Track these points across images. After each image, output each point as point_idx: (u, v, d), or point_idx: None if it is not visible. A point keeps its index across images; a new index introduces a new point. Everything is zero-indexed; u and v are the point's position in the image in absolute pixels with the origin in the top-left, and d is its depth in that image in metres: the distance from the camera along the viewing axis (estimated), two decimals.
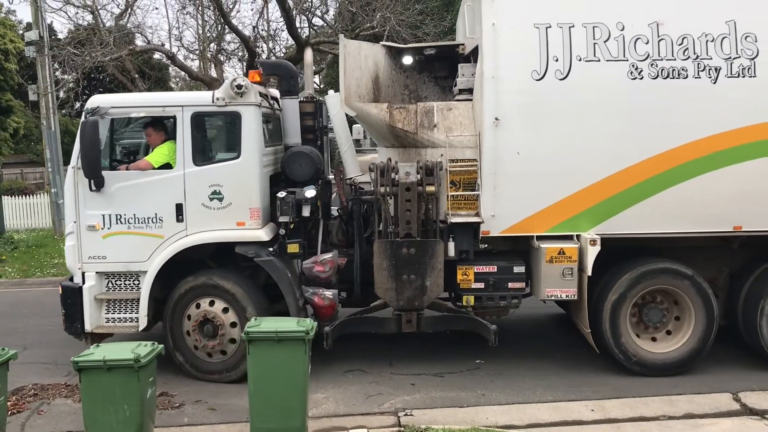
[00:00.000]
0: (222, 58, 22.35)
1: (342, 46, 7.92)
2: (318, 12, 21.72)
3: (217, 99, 7.47)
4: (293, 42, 19.51)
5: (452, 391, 7.35)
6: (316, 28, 21.60)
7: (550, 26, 7.26)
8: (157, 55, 23.34)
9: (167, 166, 7.64)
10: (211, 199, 7.49)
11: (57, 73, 20.73)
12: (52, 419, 6.84)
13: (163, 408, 6.94)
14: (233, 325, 7.57)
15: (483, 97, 7.38)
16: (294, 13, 19.20)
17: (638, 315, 7.74)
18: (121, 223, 7.55)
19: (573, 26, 7.25)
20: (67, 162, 8.33)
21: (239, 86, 7.39)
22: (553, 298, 7.54)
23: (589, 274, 7.35)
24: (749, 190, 7.37)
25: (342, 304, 8.49)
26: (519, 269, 7.70)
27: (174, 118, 7.55)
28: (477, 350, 8.47)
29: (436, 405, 7.01)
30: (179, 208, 7.51)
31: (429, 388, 7.46)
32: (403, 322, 7.72)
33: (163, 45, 21.01)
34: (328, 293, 7.68)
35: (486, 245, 8.16)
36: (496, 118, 7.31)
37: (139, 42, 20.44)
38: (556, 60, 7.25)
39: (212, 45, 22.49)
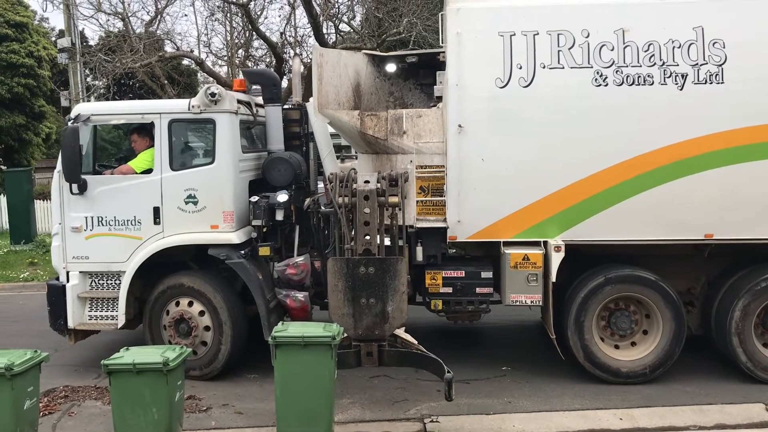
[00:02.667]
0: (250, 64, 22.84)
1: (318, 55, 8.10)
2: (345, 18, 22.05)
3: (193, 107, 7.76)
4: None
5: (479, 398, 7.33)
6: (342, 34, 21.90)
7: (514, 34, 7.31)
8: (186, 61, 24.06)
9: (150, 170, 7.97)
10: (187, 203, 7.79)
11: (88, 79, 21.54)
12: (83, 421, 6.99)
13: (190, 411, 7.07)
14: (207, 328, 7.89)
15: (447, 105, 7.50)
16: (321, 19, 19.52)
17: (607, 322, 7.72)
18: (103, 225, 7.90)
19: (537, 34, 7.29)
20: None
21: (213, 94, 7.68)
22: (518, 303, 7.57)
23: (554, 280, 7.37)
24: (719, 198, 7.29)
25: (320, 307, 8.72)
26: (487, 274, 7.76)
27: (153, 125, 7.87)
28: (504, 357, 8.53)
29: (463, 412, 6.99)
30: (156, 211, 7.83)
31: (455, 394, 7.31)
32: (363, 354, 6.90)
33: (191, 51, 21.66)
34: (300, 295, 7.87)
35: (459, 250, 8.27)
36: (460, 125, 7.40)
37: (169, 48, 21.10)
38: (520, 67, 7.30)
39: (240, 51, 23.05)
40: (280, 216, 7.88)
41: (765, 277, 7.40)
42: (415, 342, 7.21)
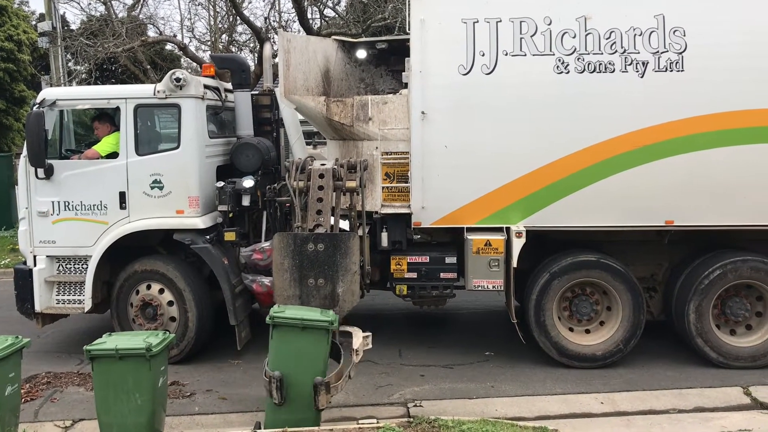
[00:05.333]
0: (234, 49, 22.74)
1: (285, 41, 8.11)
2: (330, 3, 21.95)
3: (158, 92, 7.79)
4: (305, 33, 19.74)
5: (461, 383, 7.40)
6: (327, 19, 21.82)
7: (477, 21, 7.35)
8: (169, 46, 23.87)
9: (115, 155, 8.00)
10: (152, 188, 7.83)
11: (70, 64, 21.41)
12: (65, 407, 6.99)
13: (174, 397, 7.06)
14: (170, 304, 7.96)
15: (411, 91, 7.54)
16: (306, 4, 19.42)
17: (570, 312, 7.81)
18: (69, 209, 7.94)
19: (500, 21, 7.32)
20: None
21: (178, 79, 7.70)
22: (480, 288, 7.64)
23: (515, 265, 7.45)
24: (679, 185, 7.36)
25: None
26: (451, 260, 7.85)
27: (118, 110, 7.89)
28: (487, 342, 8.62)
29: (446, 396, 7.06)
30: (122, 195, 7.87)
31: (438, 379, 7.52)
32: None
33: (175, 36, 21.51)
34: (266, 280, 7.90)
35: (425, 236, 8.30)
36: (423, 112, 7.45)
37: (151, 33, 20.98)
38: (483, 55, 7.34)
39: (224, 36, 22.92)
40: (246, 201, 7.93)
41: (706, 273, 7.48)
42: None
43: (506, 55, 7.33)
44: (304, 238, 6.52)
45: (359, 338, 6.36)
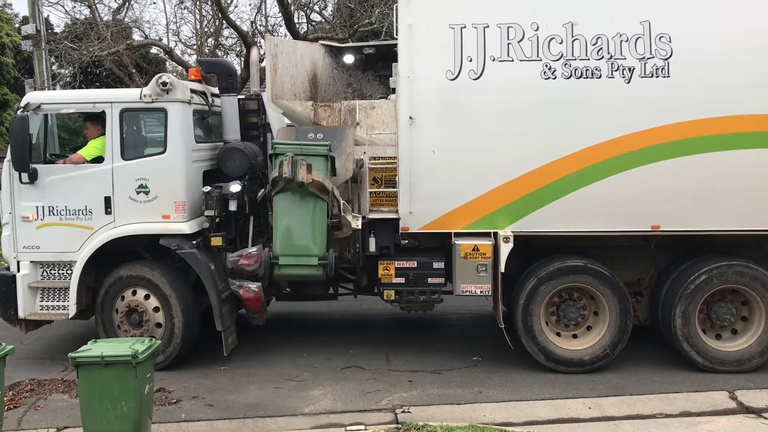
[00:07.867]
0: (220, 53, 22.64)
1: (272, 45, 8.10)
2: (316, 8, 21.92)
3: (144, 96, 7.73)
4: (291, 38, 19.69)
5: (449, 388, 7.41)
6: (314, 23, 21.78)
7: (465, 26, 7.37)
8: (154, 50, 23.75)
9: (101, 159, 7.93)
10: (138, 193, 7.76)
11: (54, 68, 21.19)
12: (49, 414, 6.90)
13: (160, 404, 7.01)
14: (156, 310, 7.89)
15: (399, 96, 7.54)
16: (292, 8, 19.38)
17: (558, 316, 7.82)
18: (54, 214, 7.85)
19: (488, 26, 7.35)
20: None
21: (164, 83, 7.65)
22: (468, 293, 7.65)
23: (503, 270, 7.47)
24: (664, 190, 7.40)
25: (276, 298, 8.81)
26: (438, 265, 7.85)
27: (104, 113, 7.83)
28: (474, 347, 8.62)
29: (434, 402, 7.06)
30: (108, 200, 7.79)
31: (426, 385, 7.52)
32: None
33: (160, 40, 21.38)
34: (253, 286, 7.85)
35: (413, 241, 8.33)
36: (411, 117, 7.46)
37: (137, 36, 20.85)
38: (470, 60, 7.36)
39: (210, 40, 22.81)
40: (233, 206, 7.87)
41: (692, 279, 7.53)
42: None
43: (494, 60, 7.35)
44: (306, 129, 7.80)
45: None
